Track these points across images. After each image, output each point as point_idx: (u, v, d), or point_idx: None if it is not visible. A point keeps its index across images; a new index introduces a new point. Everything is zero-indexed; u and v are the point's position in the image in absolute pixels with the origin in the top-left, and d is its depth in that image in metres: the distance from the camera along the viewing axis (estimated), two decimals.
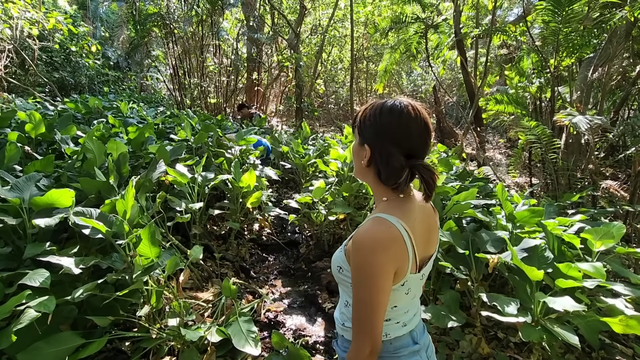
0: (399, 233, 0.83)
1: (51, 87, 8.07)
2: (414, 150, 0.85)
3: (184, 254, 2.54)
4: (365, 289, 0.83)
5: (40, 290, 1.50)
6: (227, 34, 10.97)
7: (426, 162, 0.86)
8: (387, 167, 0.86)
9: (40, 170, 2.29)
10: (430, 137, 0.88)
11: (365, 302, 0.83)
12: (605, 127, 3.78)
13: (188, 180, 2.74)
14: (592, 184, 3.77)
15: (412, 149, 0.85)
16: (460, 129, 11.07)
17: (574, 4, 3.91)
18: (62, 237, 2.05)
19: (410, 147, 0.85)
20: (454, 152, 4.75)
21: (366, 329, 0.84)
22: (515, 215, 2.18)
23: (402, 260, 0.84)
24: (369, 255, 0.81)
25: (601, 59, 4.30)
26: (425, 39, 6.91)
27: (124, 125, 3.74)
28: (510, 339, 2.09)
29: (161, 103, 9.93)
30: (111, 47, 12.52)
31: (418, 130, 0.85)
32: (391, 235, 0.82)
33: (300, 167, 4.62)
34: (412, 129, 0.84)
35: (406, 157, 0.85)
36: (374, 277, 0.81)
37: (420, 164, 0.85)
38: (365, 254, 0.81)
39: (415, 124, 0.85)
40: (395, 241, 0.82)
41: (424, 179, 0.84)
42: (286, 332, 2.38)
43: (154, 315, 1.94)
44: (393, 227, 0.83)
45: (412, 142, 0.85)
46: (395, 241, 0.82)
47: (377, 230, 0.83)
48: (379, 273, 0.81)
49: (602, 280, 1.65)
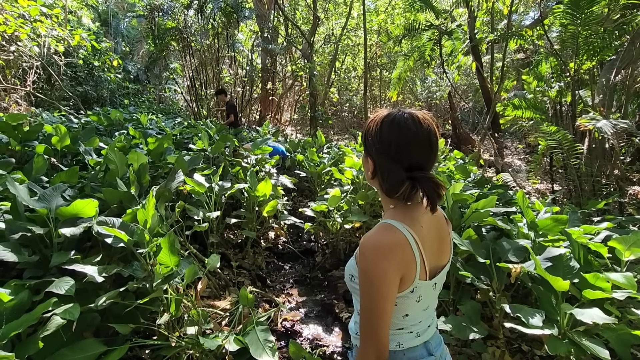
0: (405, 238, 0.82)
1: (75, 100, 8.41)
2: (415, 163, 0.85)
3: (202, 262, 2.57)
4: (370, 295, 0.83)
5: (65, 298, 1.54)
6: (242, 45, 11.23)
7: (430, 174, 0.86)
8: (387, 182, 0.88)
9: (66, 181, 2.37)
10: (435, 147, 0.87)
11: (370, 308, 0.83)
12: (631, 131, 3.65)
13: (205, 189, 2.79)
14: (619, 190, 3.63)
15: (413, 163, 0.85)
16: (477, 135, 10.89)
17: (594, 6, 3.83)
18: (85, 246, 2.11)
19: (411, 161, 0.85)
20: (471, 159, 4.67)
21: (371, 336, 0.84)
22: (537, 223, 2.12)
23: (409, 265, 0.83)
24: (373, 260, 0.81)
25: (624, 61, 4.17)
26: (439, 46, 6.88)
27: (143, 136, 3.86)
28: (536, 352, 2.01)
29: (179, 114, 10.19)
30: (131, 61, 12.99)
31: (419, 143, 0.85)
32: (396, 240, 0.82)
33: (315, 175, 4.63)
34: (412, 143, 0.84)
35: (407, 169, 0.85)
36: (378, 283, 0.81)
37: (422, 176, 0.84)
38: (369, 259, 0.82)
39: (417, 137, 0.84)
40: (400, 246, 0.82)
41: (425, 192, 0.84)
42: (303, 341, 2.36)
43: (173, 324, 1.97)
44: (399, 232, 0.83)
45: (413, 156, 0.85)
46: (400, 246, 0.82)
47: (382, 235, 0.84)
48: (383, 278, 0.81)
49: (632, 292, 1.57)
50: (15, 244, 1.75)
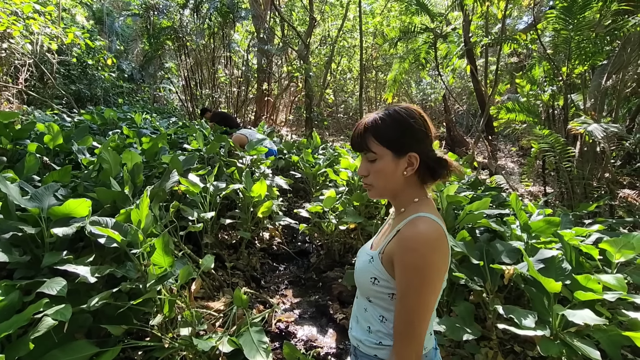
0: (444, 231, 0.83)
1: (68, 99, 8.32)
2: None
3: (196, 263, 2.56)
4: (418, 292, 0.79)
5: (57, 299, 1.52)
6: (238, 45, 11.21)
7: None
8: (434, 168, 0.90)
9: (58, 181, 2.34)
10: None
11: (416, 306, 0.79)
12: (621, 135, 3.71)
13: (200, 189, 2.78)
14: (609, 193, 3.68)
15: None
16: (471, 137, 10.98)
17: (586, 11, 3.89)
18: (78, 246, 2.09)
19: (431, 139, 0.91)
20: (465, 161, 4.71)
21: (414, 336, 0.80)
22: (530, 225, 2.14)
23: (448, 259, 0.85)
24: (424, 254, 0.79)
25: (615, 66, 4.24)
26: (434, 49, 6.93)
27: (138, 135, 3.82)
28: (528, 353, 2.03)
29: (173, 114, 10.13)
30: (126, 60, 12.89)
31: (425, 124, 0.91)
32: (440, 232, 0.82)
33: (310, 176, 4.63)
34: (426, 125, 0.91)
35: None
36: (429, 278, 0.79)
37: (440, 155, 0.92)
38: (421, 253, 0.79)
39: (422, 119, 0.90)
40: (444, 238, 0.83)
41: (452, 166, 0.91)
42: (297, 343, 2.36)
43: (166, 325, 1.95)
44: (438, 225, 0.83)
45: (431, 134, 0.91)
46: (444, 238, 0.83)
47: (427, 228, 0.82)
48: (435, 272, 0.80)
49: (623, 293, 1.60)
50: (6, 243, 1.72)
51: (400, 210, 0.93)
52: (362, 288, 0.94)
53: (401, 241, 0.83)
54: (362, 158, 0.91)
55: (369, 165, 0.89)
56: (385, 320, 0.90)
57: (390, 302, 0.88)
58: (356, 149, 0.91)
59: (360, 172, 0.92)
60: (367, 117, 0.90)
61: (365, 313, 0.94)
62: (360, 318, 0.97)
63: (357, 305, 1.00)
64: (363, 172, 0.91)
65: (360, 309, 0.97)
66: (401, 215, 0.92)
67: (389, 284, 0.86)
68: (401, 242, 0.82)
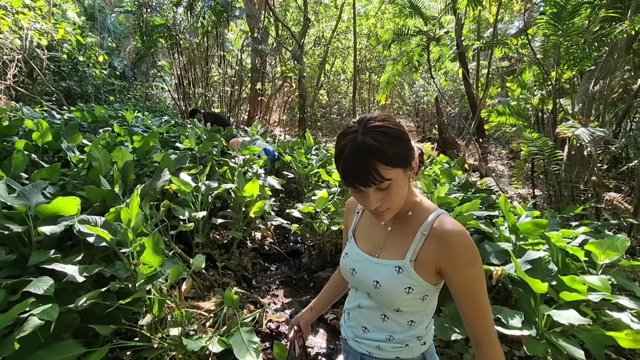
0: None
1: (58, 96, 8.19)
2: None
3: (187, 262, 2.54)
4: (483, 283, 0.80)
5: (43, 298, 1.50)
6: (232, 45, 11.17)
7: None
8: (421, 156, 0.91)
9: (46, 178, 2.31)
10: None
11: (485, 297, 0.80)
12: (608, 139, 3.79)
13: (192, 189, 2.76)
14: (595, 196, 3.76)
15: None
16: (463, 140, 11.10)
17: (575, 17, 3.97)
18: (66, 245, 2.06)
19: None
20: (456, 163, 4.76)
21: (492, 323, 0.82)
22: (518, 227, 2.18)
23: None
24: (475, 247, 0.80)
25: (602, 71, 4.33)
26: (427, 51, 6.99)
27: (129, 134, 3.79)
28: (515, 352, 2.07)
29: (166, 112, 10.04)
30: (118, 57, 12.73)
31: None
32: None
33: (302, 176, 4.64)
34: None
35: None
36: (481, 263, 0.81)
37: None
38: (473, 247, 0.79)
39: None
40: None
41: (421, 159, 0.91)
42: (288, 343, 2.36)
43: (155, 325, 1.94)
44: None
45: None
46: None
47: (459, 223, 0.83)
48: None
49: (607, 294, 1.64)
50: None
51: (405, 213, 0.89)
52: (389, 302, 0.87)
53: (448, 246, 0.80)
54: (369, 191, 0.78)
55: (379, 195, 0.78)
56: (414, 323, 0.89)
57: (421, 304, 0.87)
58: (364, 184, 0.76)
59: (372, 206, 0.79)
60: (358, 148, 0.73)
61: (385, 323, 0.90)
62: (374, 328, 0.92)
63: (362, 315, 0.95)
64: (375, 204, 0.79)
65: (374, 319, 0.92)
66: (410, 218, 0.89)
67: (423, 288, 0.84)
68: (449, 246, 0.80)
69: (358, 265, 0.93)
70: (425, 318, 0.91)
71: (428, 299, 0.88)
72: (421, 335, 0.91)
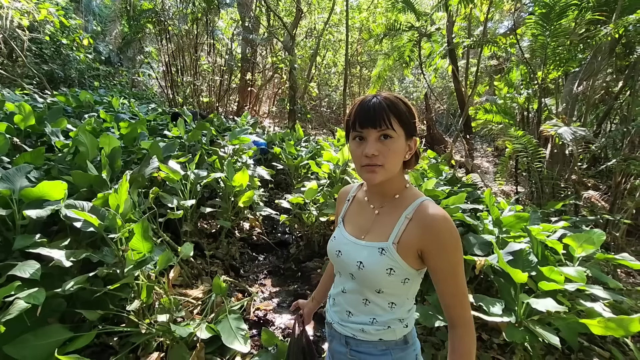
0: None
1: (40, 79, 7.92)
2: None
3: (175, 251, 2.54)
4: (461, 267, 0.84)
5: (29, 282, 1.49)
6: (222, 33, 10.96)
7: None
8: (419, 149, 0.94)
9: (30, 162, 2.26)
10: None
11: (463, 280, 0.84)
12: (589, 139, 3.92)
13: (180, 177, 2.74)
14: (575, 194, 3.90)
15: None
16: (450, 136, 11.26)
17: (562, 19, 4.06)
18: (51, 230, 2.03)
19: None
20: (443, 159, 4.84)
21: (469, 306, 0.86)
22: (502, 220, 2.25)
23: None
24: (456, 232, 0.83)
25: (586, 73, 4.46)
26: (418, 47, 7.04)
27: (115, 120, 3.71)
28: (494, 340, 2.15)
29: (153, 100, 9.83)
30: (103, 41, 12.36)
31: None
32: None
33: (292, 168, 4.64)
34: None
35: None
36: (461, 248, 0.85)
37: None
38: (455, 232, 0.83)
39: None
40: None
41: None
42: (275, 330, 2.39)
43: (143, 311, 1.94)
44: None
45: None
46: None
47: (443, 210, 0.86)
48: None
49: (582, 284, 1.72)
50: None
51: (393, 196, 0.93)
52: (370, 282, 0.90)
53: (431, 228, 0.83)
54: (372, 136, 0.84)
55: (379, 145, 0.84)
56: (395, 306, 0.92)
57: (402, 286, 0.90)
58: (373, 124, 0.83)
59: (370, 151, 0.83)
60: (376, 97, 0.86)
61: (367, 306, 0.93)
62: (357, 311, 0.95)
63: (346, 300, 0.98)
64: (373, 151, 0.83)
65: (356, 303, 0.95)
66: (396, 201, 0.93)
67: (404, 271, 0.87)
68: (432, 229, 0.83)
69: (344, 247, 0.96)
70: (407, 302, 0.94)
71: (409, 283, 0.90)
72: (403, 317, 0.94)
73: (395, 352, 0.94)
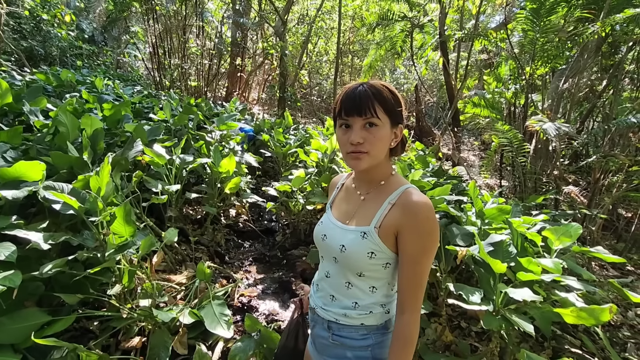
0: None
1: (19, 55, 7.58)
2: None
3: (158, 236, 2.50)
4: (431, 255, 0.86)
5: (5, 265, 1.45)
6: (212, 15, 10.66)
7: None
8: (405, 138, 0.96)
9: (7, 142, 2.17)
10: None
11: (426, 269, 0.86)
12: (571, 136, 4.02)
13: (165, 161, 2.69)
14: (556, 189, 4.00)
15: None
16: (438, 129, 11.35)
17: (552, 15, 4.09)
18: (29, 212, 1.97)
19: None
20: (430, 151, 4.88)
21: (420, 302, 0.87)
22: (484, 212, 2.30)
23: None
24: (435, 220, 0.85)
25: (572, 70, 4.53)
26: (410, 38, 7.01)
27: (98, 101, 3.60)
28: (472, 328, 2.22)
29: (138, 82, 9.55)
30: (87, 19, 11.86)
31: None
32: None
33: (280, 155, 4.61)
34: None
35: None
36: (437, 241, 0.87)
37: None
38: (433, 220, 0.84)
39: None
40: None
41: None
42: (259, 316, 2.41)
43: (125, 295, 1.92)
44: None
45: None
46: None
47: (426, 198, 0.88)
48: (439, 236, 0.88)
49: (558, 275, 1.77)
50: None
51: (378, 182, 0.96)
52: (351, 265, 0.92)
53: (411, 211, 0.85)
54: (357, 124, 0.86)
55: (364, 132, 0.86)
56: (376, 289, 0.94)
57: (383, 271, 0.92)
58: (358, 112, 0.85)
59: (355, 139, 0.85)
60: (362, 85, 0.88)
61: (350, 290, 0.95)
62: (340, 296, 0.97)
63: (329, 284, 1.00)
64: (359, 138, 0.85)
65: (339, 287, 0.97)
66: (382, 187, 0.95)
67: (385, 255, 0.89)
68: (411, 212, 0.85)
69: (329, 231, 0.99)
70: (387, 287, 0.96)
71: (391, 268, 0.93)
72: (384, 303, 0.97)
73: (376, 336, 0.96)
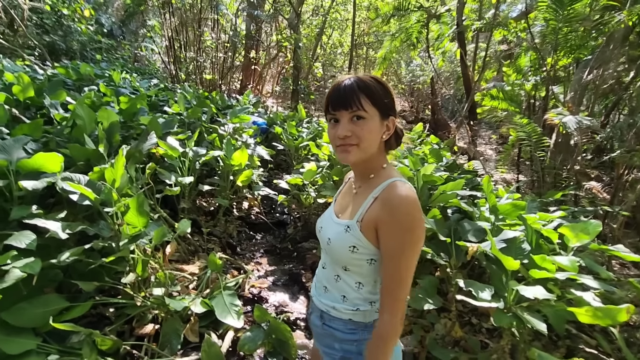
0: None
1: (41, 50, 7.81)
2: None
3: (172, 227, 2.56)
4: (411, 251, 0.83)
5: (25, 252, 1.51)
6: (227, 8, 10.68)
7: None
8: (401, 130, 0.95)
9: (28, 134, 2.25)
10: None
11: (408, 265, 0.83)
12: (594, 129, 3.86)
13: (179, 154, 2.74)
14: (576, 184, 3.86)
15: None
16: (455, 122, 11.12)
17: (576, 3, 3.91)
18: (48, 202, 2.04)
19: None
20: (446, 145, 4.79)
21: (404, 294, 0.84)
22: (498, 208, 2.24)
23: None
24: (416, 215, 0.82)
25: (597, 61, 4.33)
26: (426, 29, 6.85)
27: (115, 94, 3.68)
28: (483, 324, 2.19)
29: (155, 75, 9.71)
30: (105, 13, 12.09)
31: None
32: (416, 195, 0.86)
33: (292, 148, 4.62)
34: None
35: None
36: (419, 237, 0.84)
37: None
38: (413, 215, 0.82)
39: None
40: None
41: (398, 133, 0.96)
42: (269, 307, 2.44)
43: (139, 284, 1.97)
44: (413, 188, 0.88)
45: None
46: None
47: (410, 192, 0.85)
48: (423, 231, 0.85)
49: (572, 273, 1.72)
50: None
51: (368, 176, 0.95)
52: (337, 258, 0.94)
53: (388, 205, 0.83)
54: (344, 118, 0.86)
55: (351, 126, 0.85)
56: (362, 286, 0.94)
57: (368, 267, 0.91)
58: (344, 106, 0.85)
59: (342, 133, 0.85)
60: (349, 78, 0.87)
61: (338, 283, 0.96)
62: (331, 287, 0.99)
63: (324, 275, 1.03)
64: (345, 132, 0.85)
65: (330, 278, 0.99)
66: (370, 181, 0.94)
67: (368, 250, 0.88)
68: (389, 206, 0.83)
69: (325, 224, 1.03)
70: (374, 284, 0.95)
71: (376, 264, 0.91)
72: (373, 300, 0.95)
73: (363, 333, 0.96)
